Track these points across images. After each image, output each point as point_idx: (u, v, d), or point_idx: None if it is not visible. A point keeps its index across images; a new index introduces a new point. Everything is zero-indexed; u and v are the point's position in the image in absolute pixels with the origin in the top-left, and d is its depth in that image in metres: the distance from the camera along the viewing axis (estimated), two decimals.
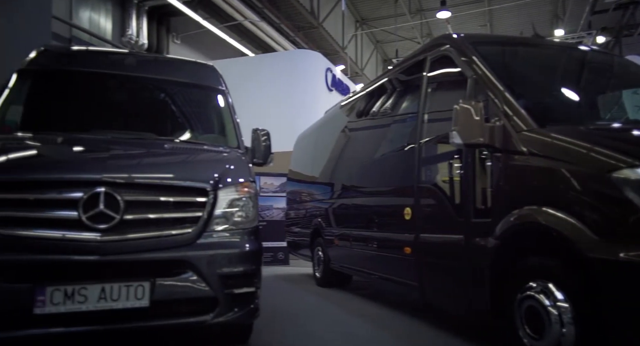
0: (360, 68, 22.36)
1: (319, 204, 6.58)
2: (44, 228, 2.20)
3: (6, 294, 2.06)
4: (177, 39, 14.45)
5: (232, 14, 13.84)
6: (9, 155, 2.52)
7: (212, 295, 2.40)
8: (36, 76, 3.46)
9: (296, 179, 8.12)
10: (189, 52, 14.41)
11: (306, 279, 7.04)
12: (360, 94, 5.72)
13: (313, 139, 7.49)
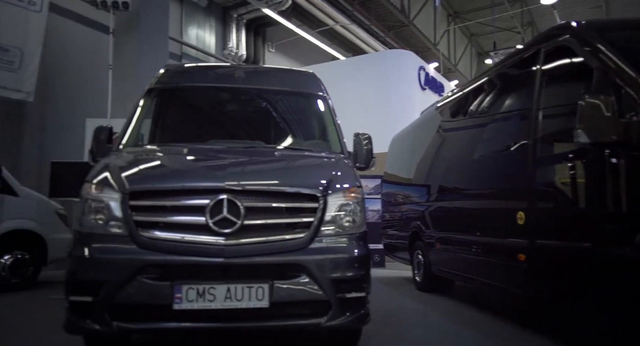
0: (454, 64, 21.49)
1: (417, 207, 6.44)
2: (178, 231, 2.44)
3: (152, 290, 2.32)
4: (272, 48, 15.14)
5: (323, 19, 14.15)
6: (145, 166, 2.84)
7: (325, 299, 2.46)
8: (161, 93, 3.84)
9: (392, 181, 8.03)
10: (283, 60, 15.04)
11: (405, 283, 6.92)
12: (462, 93, 5.49)
13: (409, 140, 7.36)
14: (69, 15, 9.34)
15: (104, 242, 2.47)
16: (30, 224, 6.25)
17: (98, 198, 2.55)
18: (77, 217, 2.64)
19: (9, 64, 7.42)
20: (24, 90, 7.66)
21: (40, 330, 4.01)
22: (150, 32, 7.09)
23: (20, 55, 7.48)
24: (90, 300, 2.33)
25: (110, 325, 2.31)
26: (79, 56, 9.55)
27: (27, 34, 7.49)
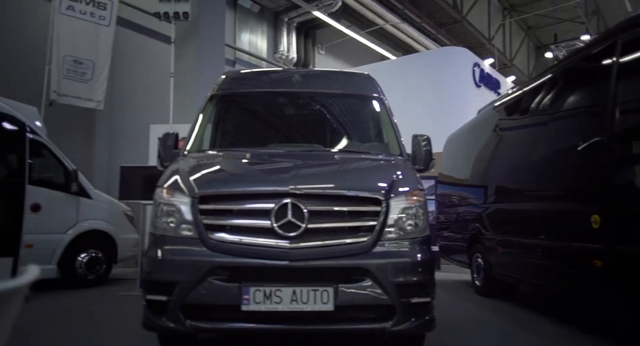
0: (510, 59, 20.61)
1: (475, 208, 6.23)
2: (244, 234, 2.51)
3: (221, 291, 2.41)
4: (322, 50, 15.25)
5: (373, 19, 14.07)
6: (212, 170, 2.95)
7: (390, 303, 2.45)
8: (221, 100, 3.97)
9: (447, 182, 7.83)
10: (332, 61, 15.10)
11: (463, 287, 6.73)
12: (525, 90, 5.26)
13: (466, 140, 7.14)
14: (134, 28, 9.91)
15: (176, 244, 2.59)
16: (103, 225, 6.70)
17: (170, 202, 2.68)
18: (151, 220, 2.79)
19: (82, 76, 7.99)
20: (95, 99, 8.22)
21: (115, 323, 4.29)
22: (208, 40, 7.38)
23: (92, 67, 8.03)
24: (165, 299, 2.45)
25: (184, 324, 2.42)
26: (143, 66, 10.12)
27: (98, 47, 8.03)
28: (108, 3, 8.12)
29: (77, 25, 7.83)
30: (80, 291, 6.03)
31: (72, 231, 6.31)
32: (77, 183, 6.37)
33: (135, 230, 7.33)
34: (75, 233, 6.33)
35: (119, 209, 7.06)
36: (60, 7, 7.65)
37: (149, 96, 9.98)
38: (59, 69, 7.73)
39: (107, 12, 8.07)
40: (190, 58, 7.35)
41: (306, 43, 14.51)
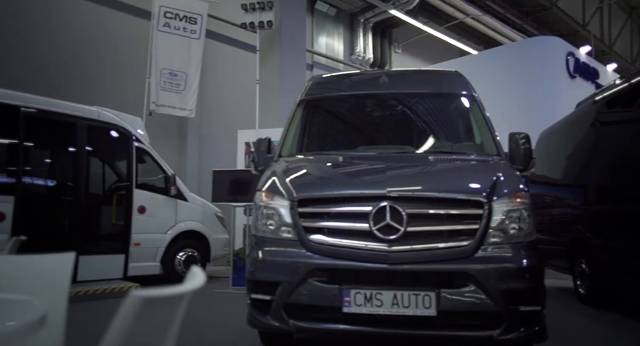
0: (609, 45, 18.76)
1: (575, 210, 5.75)
2: (343, 237, 2.55)
3: (322, 293, 2.46)
4: (399, 49, 15.02)
5: (452, 13, 13.58)
6: (308, 174, 3.03)
7: (496, 310, 2.34)
8: (310, 104, 4.05)
9: (540, 182, 7.31)
10: (409, 60, 14.81)
11: (563, 293, 6.23)
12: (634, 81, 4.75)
13: (563, 137, 6.61)
14: (220, 39, 10.51)
15: (276, 246, 2.69)
16: (197, 226, 7.17)
17: (269, 205, 2.79)
18: (252, 222, 2.93)
19: (176, 87, 8.63)
20: (187, 108, 8.83)
21: (214, 318, 4.55)
22: (290, 46, 7.60)
23: (185, 78, 8.64)
24: (269, 299, 2.55)
25: (288, 323, 2.51)
26: (229, 74, 10.71)
27: (189, 59, 8.62)
28: (198, 18, 8.69)
29: (172, 41, 8.47)
30: None
31: (172, 231, 6.83)
32: (176, 186, 6.88)
33: (226, 231, 7.75)
34: (175, 233, 6.84)
35: (211, 211, 7.51)
36: (158, 25, 8.32)
37: (236, 102, 10.53)
38: (157, 81, 8.41)
39: (197, 26, 8.64)
40: (274, 65, 7.63)
41: (382, 43, 14.38)
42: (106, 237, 6.45)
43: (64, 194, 5.98)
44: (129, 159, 6.46)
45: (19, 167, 5.38)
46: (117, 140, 6.52)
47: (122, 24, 9.38)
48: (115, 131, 6.45)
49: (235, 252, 6.57)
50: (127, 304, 0.74)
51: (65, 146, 6.17)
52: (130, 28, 9.42)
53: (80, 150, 6.01)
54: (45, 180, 6.03)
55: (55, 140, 6.26)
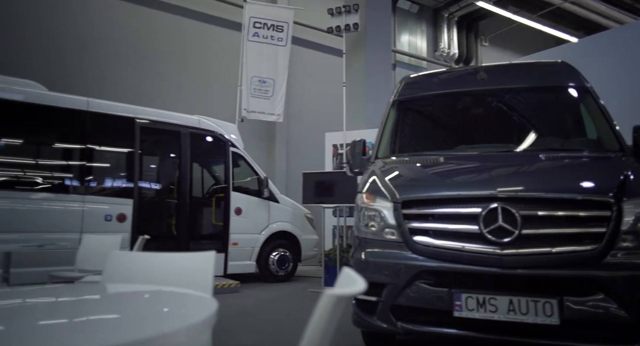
0: None
1: None
2: (450, 239, 2.48)
3: (430, 296, 2.42)
4: (486, 42, 14.29)
5: None
6: (409, 175, 2.99)
7: (632, 322, 2.12)
8: (404, 104, 4.00)
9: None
10: (498, 53, 14.02)
11: None
12: None
13: None
14: (305, 44, 10.81)
15: (380, 247, 2.69)
16: (289, 227, 7.43)
17: (371, 207, 2.80)
18: (355, 223, 2.96)
19: (265, 93, 9.01)
20: (276, 113, 9.16)
21: None
22: (376, 47, 7.59)
23: (273, 84, 8.99)
24: (375, 300, 2.56)
25: (395, 325, 2.50)
26: (315, 78, 10.98)
27: (277, 66, 8.95)
28: (284, 25, 9.00)
29: (261, 49, 8.86)
30: (273, 285, 6.77)
31: (265, 232, 7.14)
32: (268, 189, 7.19)
33: (315, 232, 7.93)
34: (268, 234, 7.15)
35: (301, 212, 7.73)
36: (248, 35, 8.76)
37: (322, 106, 10.76)
38: (248, 89, 8.85)
39: (284, 34, 8.95)
40: (360, 67, 7.66)
41: (468, 37, 13.78)
42: (209, 236, 6.91)
43: (172, 197, 6.53)
44: (226, 163, 6.88)
45: (135, 173, 5.98)
46: (215, 146, 6.98)
47: (216, 36, 10.03)
48: (213, 138, 6.90)
49: (326, 252, 6.69)
50: (324, 302, 0.79)
51: (172, 152, 6.74)
52: (223, 40, 10.04)
53: (185, 156, 6.53)
54: (157, 184, 6.63)
55: (164, 147, 6.86)
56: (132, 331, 0.89)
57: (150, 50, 9.26)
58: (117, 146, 6.14)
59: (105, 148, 6.03)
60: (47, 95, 5.56)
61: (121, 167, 6.08)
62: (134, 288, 1.37)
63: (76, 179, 5.61)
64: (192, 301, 1.12)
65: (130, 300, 1.26)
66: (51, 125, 5.64)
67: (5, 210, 4.96)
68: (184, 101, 9.05)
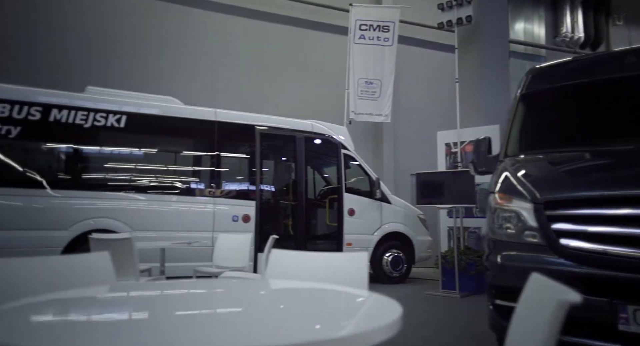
0: None
1: None
2: (609, 244, 2.24)
3: (589, 306, 2.21)
4: (619, 21, 12.66)
5: None
6: (550, 173, 2.77)
7: None
8: (534, 97, 3.70)
9: None
10: (636, 33, 12.32)
11: None
12: None
13: None
14: (411, 42, 10.63)
15: (520, 250, 2.53)
16: (401, 228, 7.35)
17: (507, 208, 2.65)
18: (488, 225, 2.83)
19: (372, 94, 9.04)
20: (383, 113, 9.14)
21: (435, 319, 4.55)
22: (491, 39, 7.17)
23: (380, 85, 8.99)
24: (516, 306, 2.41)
25: None
26: (423, 76, 10.75)
27: (383, 66, 8.93)
28: (390, 25, 8.95)
29: (367, 51, 8.92)
30: (388, 287, 6.75)
31: (378, 232, 7.16)
32: (380, 190, 7.20)
33: (428, 233, 7.74)
34: (381, 235, 7.16)
35: (413, 213, 7.60)
36: (354, 38, 8.88)
37: (431, 104, 10.49)
38: (355, 91, 8.96)
39: (390, 34, 8.90)
40: (473, 61, 7.30)
41: (597, 17, 12.34)
42: (324, 237, 7.14)
43: (290, 198, 6.87)
44: (339, 165, 7.04)
45: (257, 176, 6.42)
46: (328, 148, 7.19)
47: (322, 42, 10.34)
48: (326, 140, 7.12)
49: (443, 254, 6.49)
50: (557, 308, 0.79)
51: (289, 156, 7.11)
52: (329, 45, 10.31)
53: (300, 159, 6.84)
54: (276, 187, 7.04)
55: (281, 151, 7.27)
56: (329, 327, 0.95)
57: (268, 60, 9.86)
58: (240, 151, 6.65)
59: (230, 154, 6.57)
60: (183, 108, 6.23)
61: (244, 171, 6.57)
62: (316, 286, 1.43)
63: (208, 183, 6.19)
64: (376, 302, 1.16)
65: (315, 296, 1.32)
66: (186, 135, 6.31)
67: (153, 211, 5.67)
68: (296, 106, 9.48)
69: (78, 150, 5.61)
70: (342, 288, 1.34)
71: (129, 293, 1.37)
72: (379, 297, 1.17)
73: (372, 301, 1.17)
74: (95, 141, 5.70)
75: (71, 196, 5.35)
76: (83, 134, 5.54)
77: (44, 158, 5.58)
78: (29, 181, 5.17)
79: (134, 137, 5.89)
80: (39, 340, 0.81)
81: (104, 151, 5.82)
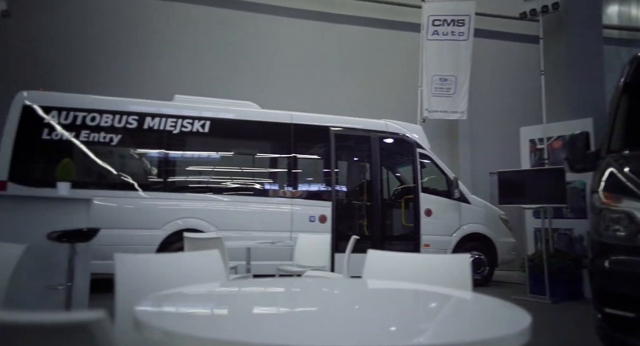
0: None
1: None
2: None
3: None
4: None
5: None
6: None
7: None
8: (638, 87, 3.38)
9: None
10: None
11: None
12: None
13: None
14: (489, 35, 10.15)
15: (632, 254, 2.32)
16: (482, 229, 7.03)
17: (616, 208, 2.44)
18: (592, 226, 2.62)
19: (447, 91, 8.76)
20: (459, 110, 8.82)
21: None
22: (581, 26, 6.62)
23: (454, 81, 8.68)
24: (633, 316, 2.21)
25: None
26: (502, 70, 10.23)
27: (459, 61, 8.62)
28: (465, 18, 8.61)
29: (441, 46, 8.66)
30: None
31: (457, 233, 6.91)
32: (458, 189, 6.95)
33: (512, 234, 7.33)
34: (460, 236, 6.90)
35: (494, 214, 7.24)
36: (427, 35, 8.67)
37: (510, 98, 9.96)
38: (429, 88, 8.73)
39: (465, 28, 8.56)
40: (561, 51, 6.79)
41: None
42: (400, 237, 7.03)
43: (365, 199, 6.85)
44: (414, 164, 6.90)
45: (332, 177, 6.48)
46: (402, 148, 7.07)
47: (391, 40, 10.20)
48: (400, 140, 7.01)
49: (530, 257, 6.11)
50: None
51: (363, 156, 7.09)
52: (398, 43, 10.15)
53: (374, 159, 6.79)
54: (351, 187, 7.06)
55: (355, 152, 7.28)
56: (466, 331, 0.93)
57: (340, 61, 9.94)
58: (315, 153, 6.76)
59: (306, 155, 6.69)
60: (261, 112, 6.45)
61: (320, 172, 6.66)
62: (430, 289, 1.41)
63: (286, 185, 6.35)
64: (501, 308, 1.12)
65: (433, 300, 1.30)
66: (264, 138, 6.53)
67: (235, 212, 5.94)
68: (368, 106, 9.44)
69: (168, 155, 6.02)
70: (465, 292, 1.31)
71: (266, 288, 1.46)
72: (505, 303, 1.13)
73: (498, 307, 1.13)
74: (183, 146, 6.09)
75: (162, 198, 5.75)
76: (172, 140, 5.94)
77: (139, 163, 6.05)
78: (128, 184, 5.64)
79: (216, 142, 6.22)
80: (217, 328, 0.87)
81: (191, 155, 6.20)
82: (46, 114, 5.48)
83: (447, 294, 1.30)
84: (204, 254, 1.46)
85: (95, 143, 5.59)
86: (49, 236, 3.30)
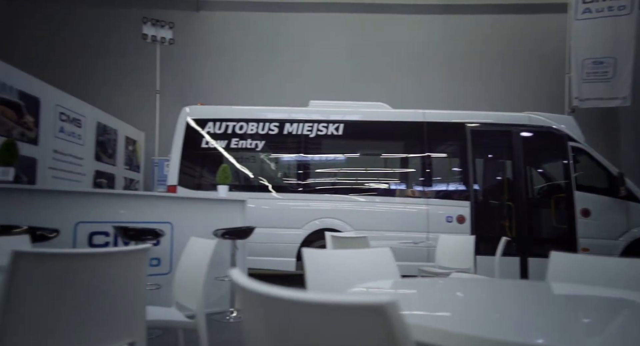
0: None
1: None
2: None
3: None
4: None
5: None
6: None
7: None
8: None
9: None
10: None
11: None
12: None
13: None
14: None
15: None
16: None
17: None
18: None
19: (603, 76, 7.69)
20: (619, 96, 7.68)
21: None
22: None
23: (613, 64, 7.58)
24: None
25: None
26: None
27: (618, 40, 7.49)
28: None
29: (594, 26, 7.63)
30: None
31: (624, 237, 5.98)
32: (625, 186, 6.02)
33: None
34: (628, 240, 5.96)
35: None
36: (577, 14, 7.72)
37: None
38: (579, 74, 7.77)
39: (627, 0, 7.42)
40: None
41: None
42: (551, 240, 6.36)
43: (507, 198, 6.35)
44: (566, 160, 6.17)
45: (470, 175, 6.14)
46: (551, 142, 6.38)
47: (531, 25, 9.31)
48: (548, 133, 6.33)
49: None
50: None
51: (504, 153, 6.58)
52: (539, 26, 9.21)
53: (517, 155, 6.25)
54: (491, 186, 6.61)
55: (495, 148, 6.79)
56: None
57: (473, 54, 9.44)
58: (450, 151, 6.48)
59: (440, 154, 6.46)
60: (393, 112, 6.43)
61: (456, 171, 6.37)
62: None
63: (420, 184, 6.21)
64: None
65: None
66: (396, 138, 6.49)
67: (370, 212, 5.99)
68: (505, 100, 8.76)
69: (306, 158, 6.35)
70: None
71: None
72: None
73: None
74: (319, 149, 6.37)
75: (302, 199, 6.09)
76: (309, 144, 6.25)
77: (280, 167, 6.51)
78: (271, 187, 6.10)
79: (350, 143, 6.37)
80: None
81: (326, 158, 6.45)
82: (204, 125, 6.22)
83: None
84: (373, 252, 1.49)
85: (242, 150, 6.17)
86: (215, 233, 3.73)
